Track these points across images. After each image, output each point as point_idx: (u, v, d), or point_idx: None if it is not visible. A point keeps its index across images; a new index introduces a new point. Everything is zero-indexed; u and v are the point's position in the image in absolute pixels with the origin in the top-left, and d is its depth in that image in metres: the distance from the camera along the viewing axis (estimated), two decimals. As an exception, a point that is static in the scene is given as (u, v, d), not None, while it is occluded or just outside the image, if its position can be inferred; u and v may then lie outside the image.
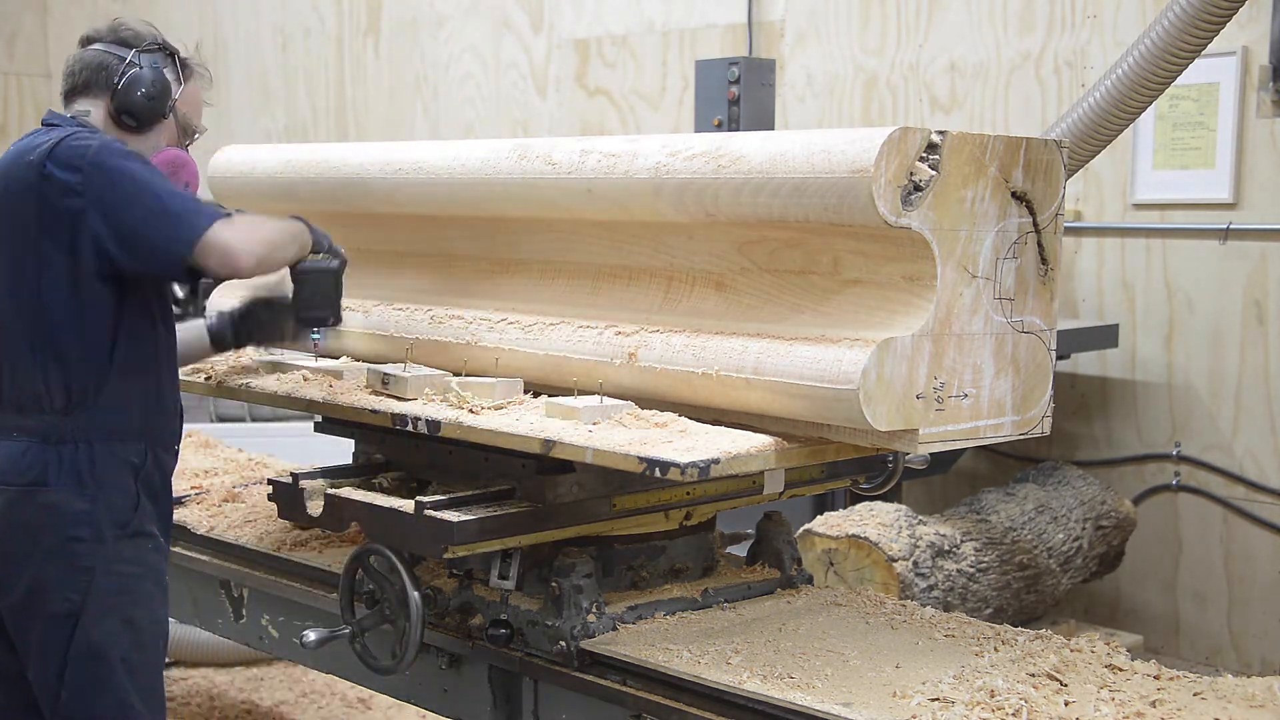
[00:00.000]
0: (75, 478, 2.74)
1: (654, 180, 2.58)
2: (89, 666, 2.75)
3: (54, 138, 2.76)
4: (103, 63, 2.90)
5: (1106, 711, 2.26)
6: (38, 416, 2.75)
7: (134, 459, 2.81)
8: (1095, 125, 3.88)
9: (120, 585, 2.78)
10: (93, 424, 2.76)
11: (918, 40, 5.85)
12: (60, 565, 2.74)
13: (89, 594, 2.74)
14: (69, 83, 2.95)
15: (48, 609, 2.75)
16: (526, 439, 2.50)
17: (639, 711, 2.53)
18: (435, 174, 3.04)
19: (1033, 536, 4.69)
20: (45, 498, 2.73)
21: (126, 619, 2.79)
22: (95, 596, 2.75)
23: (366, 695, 4.73)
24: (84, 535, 2.74)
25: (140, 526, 2.82)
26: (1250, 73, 5.03)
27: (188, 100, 3.00)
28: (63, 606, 2.74)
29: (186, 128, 3.00)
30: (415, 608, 2.73)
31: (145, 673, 2.82)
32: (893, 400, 2.31)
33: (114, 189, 2.70)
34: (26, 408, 2.77)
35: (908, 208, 2.29)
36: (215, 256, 2.67)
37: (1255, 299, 5.09)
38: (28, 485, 2.74)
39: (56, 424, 2.75)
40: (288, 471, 3.07)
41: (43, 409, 2.75)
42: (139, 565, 2.82)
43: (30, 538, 2.74)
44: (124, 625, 2.78)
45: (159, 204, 2.70)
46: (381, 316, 3.18)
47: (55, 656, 2.76)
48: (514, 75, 7.40)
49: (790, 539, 3.07)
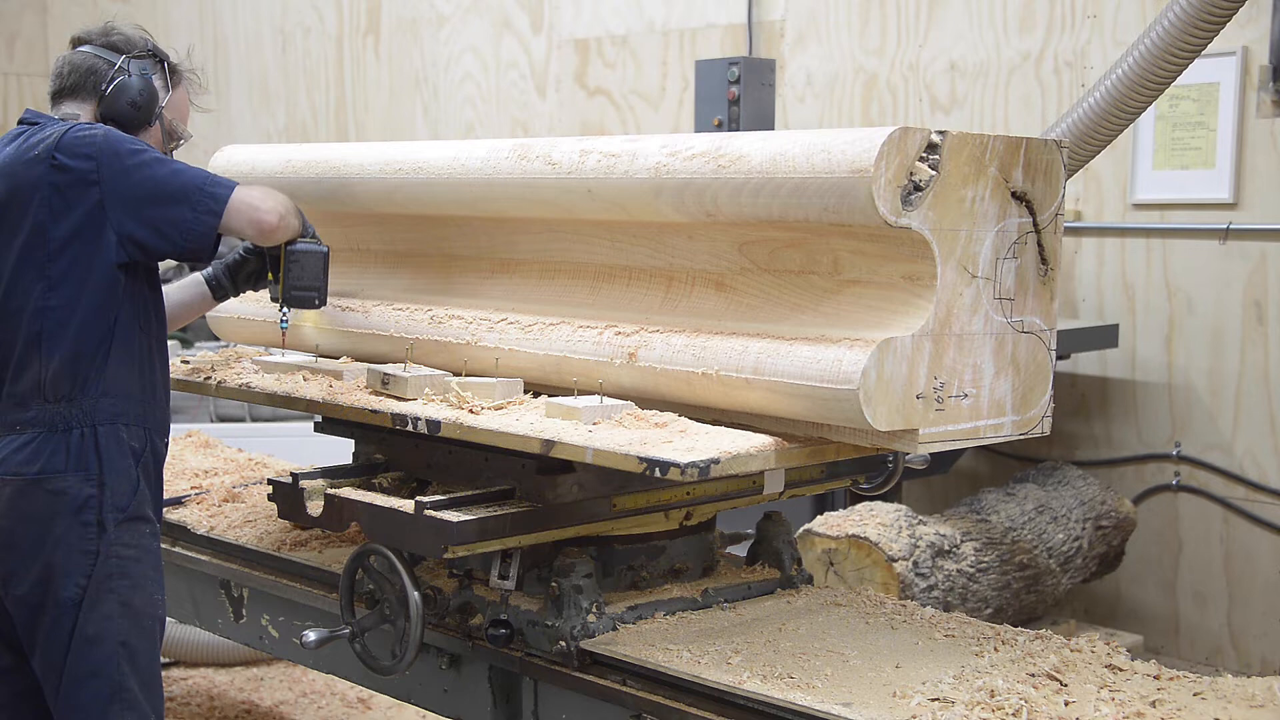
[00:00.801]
0: (81, 463, 2.78)
1: (654, 180, 2.58)
2: (88, 650, 2.78)
3: (58, 130, 2.79)
4: (92, 67, 2.93)
5: (1106, 711, 2.26)
6: (40, 406, 2.78)
7: (134, 443, 2.85)
8: (1095, 125, 3.87)
9: (119, 569, 2.81)
10: (97, 409, 2.80)
11: (918, 40, 5.85)
12: (70, 551, 2.77)
13: (91, 577, 2.77)
14: (56, 84, 2.97)
15: (59, 596, 2.77)
16: (526, 439, 2.50)
17: (639, 711, 2.53)
18: (435, 174, 3.04)
19: (1033, 536, 4.70)
20: (54, 484, 2.76)
21: (124, 602, 2.81)
22: (96, 580, 2.78)
23: (366, 695, 4.73)
24: (89, 520, 2.78)
25: (138, 510, 2.85)
26: (1250, 73, 5.03)
27: (174, 107, 3.03)
28: (72, 593, 2.77)
29: (172, 133, 3.03)
30: (415, 608, 2.73)
31: (143, 657, 2.84)
32: (893, 400, 2.31)
33: (129, 176, 2.75)
34: (27, 399, 2.79)
35: (908, 208, 2.29)
36: (243, 217, 2.80)
37: (1255, 299, 5.09)
38: (36, 474, 2.76)
39: (62, 411, 2.78)
40: (288, 471, 3.07)
41: (46, 398, 2.78)
42: (137, 549, 2.85)
43: (41, 527, 2.77)
44: (122, 608, 2.81)
45: (178, 181, 2.77)
46: (381, 316, 3.18)
47: (60, 643, 2.78)
48: (514, 75, 7.40)
49: (790, 539, 3.07)
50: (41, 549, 2.77)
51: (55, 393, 2.78)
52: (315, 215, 3.46)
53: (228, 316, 3.56)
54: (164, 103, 2.99)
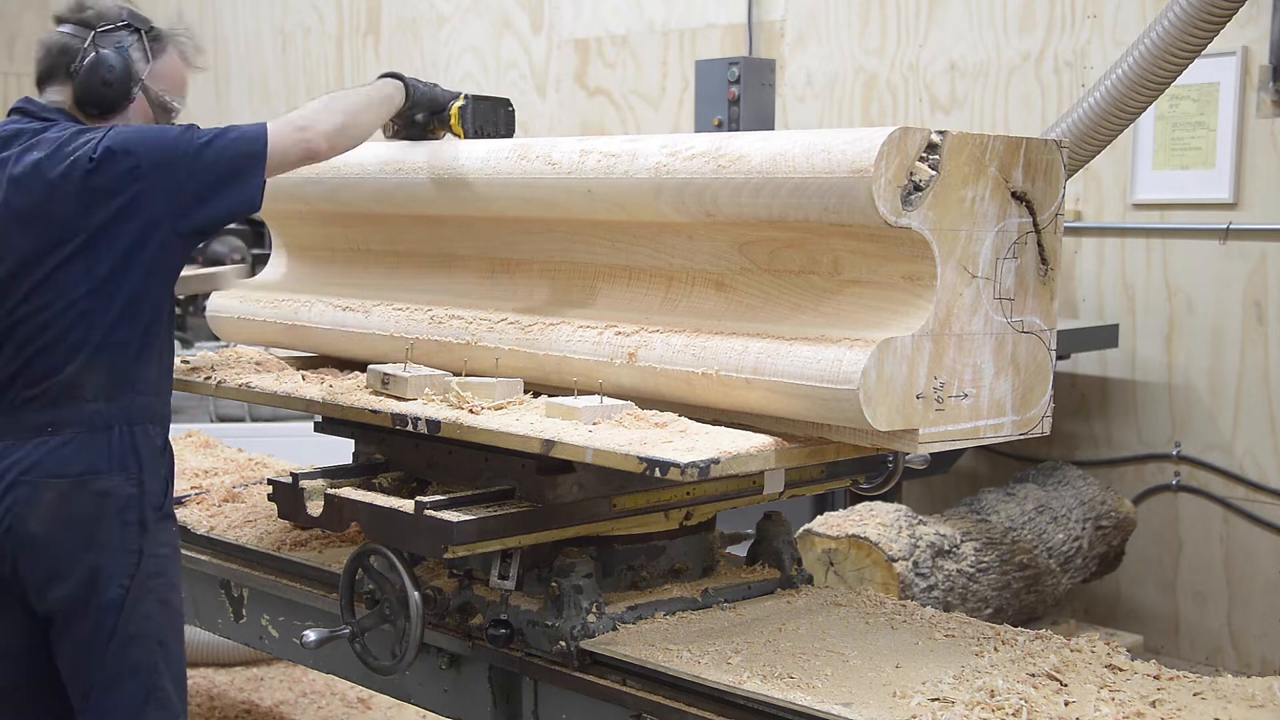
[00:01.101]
0: (122, 462, 2.75)
1: (654, 180, 2.58)
2: (128, 650, 2.76)
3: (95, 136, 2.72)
4: (64, 46, 2.83)
5: (1106, 711, 2.26)
6: (76, 407, 2.73)
7: (159, 441, 2.84)
8: (1095, 125, 3.87)
9: (158, 567, 2.80)
10: (134, 408, 2.77)
11: (918, 40, 5.85)
12: (115, 552, 2.75)
13: (135, 577, 2.76)
14: (37, 68, 2.89)
15: (102, 598, 2.74)
16: (526, 439, 2.50)
17: (639, 711, 2.53)
18: (435, 174, 3.04)
19: (1033, 536, 4.70)
20: (98, 485, 2.73)
21: (163, 600, 2.81)
22: (139, 580, 2.76)
23: (366, 695, 4.73)
24: (131, 519, 2.76)
25: (169, 508, 2.86)
26: (1250, 73, 5.03)
27: (162, 76, 2.90)
28: (116, 594, 2.75)
29: (163, 105, 2.91)
30: (415, 608, 2.73)
31: (174, 655, 2.85)
32: (892, 400, 2.31)
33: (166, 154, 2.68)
34: (60, 399, 2.73)
35: (908, 208, 2.29)
36: (288, 146, 2.74)
37: (1255, 299, 5.09)
38: (79, 475, 2.72)
39: (101, 411, 2.74)
40: (288, 471, 3.06)
41: (84, 398, 2.73)
42: (170, 547, 2.85)
43: (86, 529, 2.73)
44: (160, 606, 2.80)
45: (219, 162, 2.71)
46: (381, 316, 3.17)
47: (99, 644, 2.75)
48: (514, 75, 7.41)
49: (790, 539, 3.07)
50: (86, 551, 2.73)
51: (94, 392, 2.73)
52: (315, 215, 3.47)
53: (228, 316, 3.56)
54: (146, 74, 2.86)
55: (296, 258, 3.65)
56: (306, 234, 3.60)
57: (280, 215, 3.61)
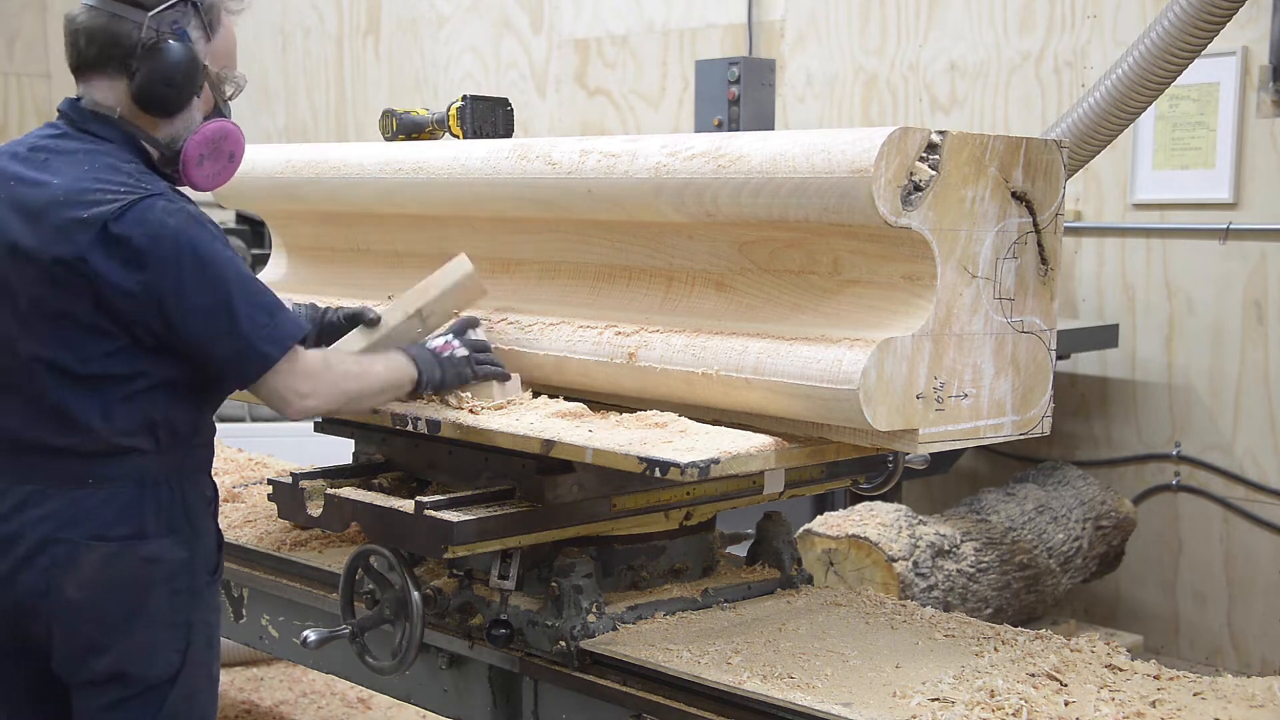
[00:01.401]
0: (170, 524, 2.41)
1: (654, 180, 2.58)
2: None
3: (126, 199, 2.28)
4: (113, 32, 2.34)
5: (1106, 711, 2.26)
6: (124, 460, 2.37)
7: (208, 493, 2.54)
8: (1095, 125, 3.87)
9: (208, 639, 2.51)
10: (185, 461, 2.46)
11: (918, 40, 5.85)
12: (164, 625, 2.42)
13: (185, 652, 2.45)
14: (73, 55, 2.40)
15: (148, 673, 2.42)
16: (526, 439, 2.50)
17: (639, 711, 2.53)
18: (435, 174, 3.04)
19: (1033, 536, 4.70)
20: (147, 550, 2.39)
21: (211, 676, 2.53)
22: (192, 653, 2.46)
23: (366, 695, 4.73)
24: (181, 588, 2.44)
25: (220, 566, 2.57)
26: (1250, 73, 5.03)
27: (219, 55, 2.47)
28: (165, 671, 2.42)
29: (223, 86, 2.49)
30: (415, 608, 2.73)
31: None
32: (893, 400, 2.31)
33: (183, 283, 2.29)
34: (104, 448, 2.36)
35: (908, 208, 2.29)
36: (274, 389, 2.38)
37: (1255, 299, 5.09)
38: (126, 538, 2.37)
39: (151, 464, 2.39)
40: (288, 471, 3.07)
41: (134, 449, 2.37)
42: (217, 611, 2.57)
43: (134, 599, 2.39)
44: (209, 683, 2.53)
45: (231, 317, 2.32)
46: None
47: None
48: (514, 75, 7.41)
49: (790, 539, 3.07)
50: (133, 623, 2.39)
51: (149, 441, 2.38)
52: (315, 215, 3.47)
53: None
54: (207, 58, 2.42)
55: (296, 258, 3.65)
56: (306, 234, 3.60)
57: (280, 215, 3.61)
